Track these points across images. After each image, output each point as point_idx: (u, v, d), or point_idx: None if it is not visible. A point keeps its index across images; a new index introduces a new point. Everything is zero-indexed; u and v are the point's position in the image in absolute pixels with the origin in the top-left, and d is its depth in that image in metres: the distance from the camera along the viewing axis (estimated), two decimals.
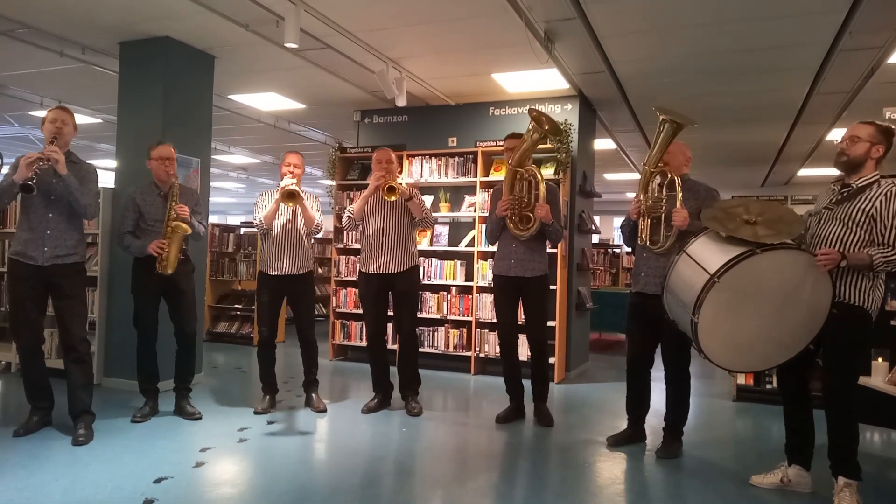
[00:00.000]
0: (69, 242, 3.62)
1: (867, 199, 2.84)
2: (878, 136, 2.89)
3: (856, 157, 2.91)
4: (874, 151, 2.88)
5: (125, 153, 5.05)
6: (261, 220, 4.25)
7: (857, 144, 2.90)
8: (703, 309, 2.85)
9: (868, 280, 2.84)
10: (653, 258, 3.59)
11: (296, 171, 4.22)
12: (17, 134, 9.04)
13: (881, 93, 5.68)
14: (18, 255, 3.56)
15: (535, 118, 3.90)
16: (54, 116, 3.59)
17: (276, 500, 2.84)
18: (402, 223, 4.34)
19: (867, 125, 2.94)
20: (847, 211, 2.87)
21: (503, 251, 4.24)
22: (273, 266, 4.27)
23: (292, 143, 9.07)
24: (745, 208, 3.03)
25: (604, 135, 7.63)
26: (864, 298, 2.84)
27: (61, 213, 3.59)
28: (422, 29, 4.67)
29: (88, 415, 3.68)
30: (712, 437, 4.14)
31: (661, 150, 3.48)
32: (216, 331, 7.69)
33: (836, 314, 2.85)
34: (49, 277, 3.56)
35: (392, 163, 4.32)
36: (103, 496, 2.81)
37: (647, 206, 3.55)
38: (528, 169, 4.05)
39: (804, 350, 2.96)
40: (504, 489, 3.12)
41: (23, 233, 3.57)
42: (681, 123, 3.40)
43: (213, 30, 4.76)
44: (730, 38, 4.67)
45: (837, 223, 2.89)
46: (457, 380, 5.71)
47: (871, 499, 2.96)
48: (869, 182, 2.89)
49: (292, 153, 4.32)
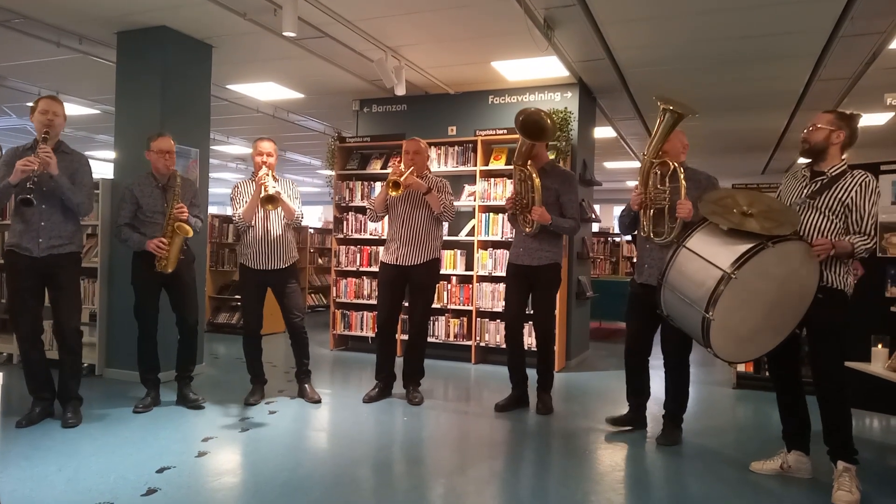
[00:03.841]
0: (65, 233, 3.62)
1: (843, 189, 2.91)
2: (837, 123, 2.96)
3: (816, 144, 2.99)
4: (834, 137, 2.95)
5: (123, 144, 5.04)
6: (240, 217, 4.15)
7: (817, 132, 2.98)
8: (717, 306, 2.81)
9: (844, 266, 2.96)
10: (656, 249, 3.57)
11: (268, 160, 4.10)
12: (14, 125, 9.02)
13: (882, 78, 5.65)
14: (15, 247, 3.56)
15: (520, 126, 3.94)
16: (45, 107, 3.56)
17: (279, 489, 2.86)
18: (422, 216, 4.29)
19: (828, 113, 3.02)
20: (825, 200, 2.94)
21: (517, 239, 4.26)
22: (255, 261, 4.18)
23: (291, 132, 9.05)
24: (734, 199, 3.01)
25: (604, 123, 7.60)
26: (842, 282, 2.95)
27: (55, 204, 3.58)
28: (421, 17, 4.64)
29: (76, 399, 3.77)
30: (713, 425, 4.15)
31: (661, 139, 3.46)
32: (217, 321, 7.70)
33: (822, 298, 2.92)
34: (45, 268, 3.57)
35: (419, 154, 4.25)
36: (106, 486, 2.82)
37: (649, 197, 3.52)
38: (526, 169, 4.05)
39: (791, 334, 3.00)
40: (506, 477, 3.13)
41: (17, 224, 3.57)
42: (682, 113, 3.38)
43: (211, 19, 4.73)
44: (730, 25, 4.64)
45: (817, 213, 2.95)
46: (457, 369, 5.73)
47: (870, 484, 2.98)
48: (841, 171, 2.96)
49: (264, 140, 4.18)
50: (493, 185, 5.94)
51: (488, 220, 5.96)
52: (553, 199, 4.12)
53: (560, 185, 4.14)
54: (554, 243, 4.18)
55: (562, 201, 4.14)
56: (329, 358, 6.10)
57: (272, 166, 4.14)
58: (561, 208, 4.14)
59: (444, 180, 4.39)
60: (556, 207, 4.12)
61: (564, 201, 4.15)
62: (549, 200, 4.08)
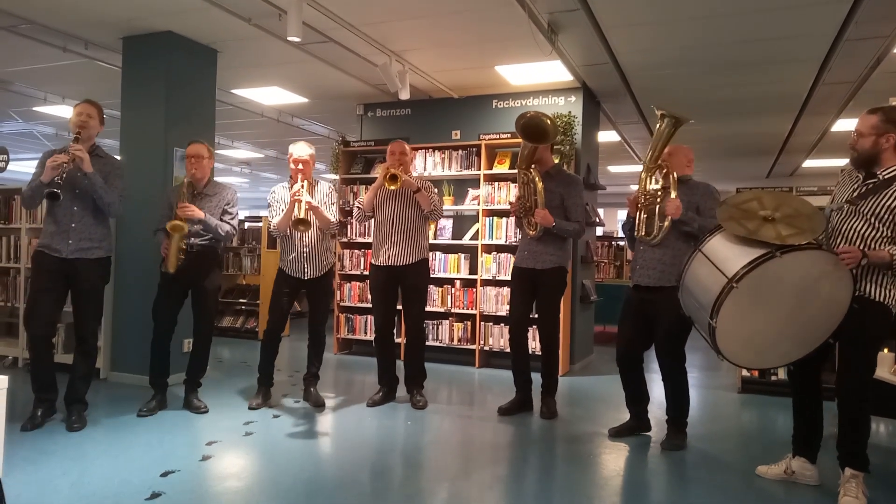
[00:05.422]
0: (95, 236, 3.67)
1: (892, 196, 2.70)
2: (883, 126, 2.75)
3: (865, 153, 2.80)
4: (884, 142, 2.75)
5: (128, 148, 5.06)
6: (275, 228, 4.21)
7: (862, 140, 2.81)
8: (721, 313, 2.78)
9: (887, 276, 2.76)
10: (648, 250, 3.62)
11: (305, 168, 4.11)
12: (21, 130, 9.06)
13: (887, 82, 5.63)
14: (45, 248, 3.61)
15: (521, 129, 3.97)
16: (80, 110, 3.63)
17: (283, 494, 2.86)
18: (411, 215, 4.32)
19: (871, 115, 2.81)
20: (871, 206, 2.74)
21: (522, 242, 4.29)
22: (292, 269, 4.23)
23: (295, 137, 8.97)
24: (759, 202, 2.91)
25: (608, 127, 7.59)
26: (885, 294, 2.76)
27: (86, 206, 3.63)
28: (425, 22, 4.65)
29: (81, 403, 3.78)
30: (717, 430, 4.14)
31: (662, 146, 3.52)
32: (221, 325, 7.71)
33: (857, 309, 2.76)
34: (72, 270, 3.61)
35: (405, 154, 4.32)
36: (111, 490, 2.83)
37: (643, 201, 3.59)
38: (528, 172, 4.07)
39: (823, 344, 2.89)
40: (510, 482, 3.13)
41: (49, 226, 3.62)
42: (680, 119, 3.44)
43: (216, 24, 4.76)
44: (734, 29, 4.64)
45: (860, 218, 2.78)
46: (461, 373, 5.72)
47: (876, 490, 2.96)
48: (894, 175, 2.75)
49: (297, 143, 4.20)
50: (497, 189, 5.94)
51: (492, 224, 5.96)
52: (558, 203, 4.12)
53: (565, 188, 4.15)
54: (559, 247, 4.18)
55: (566, 205, 4.14)
56: (333, 362, 6.10)
57: (308, 174, 4.13)
58: (566, 212, 4.14)
59: (428, 181, 4.42)
60: (561, 211, 4.12)
61: (569, 205, 4.15)
62: (553, 204, 4.08)
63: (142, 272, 4.78)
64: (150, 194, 4.74)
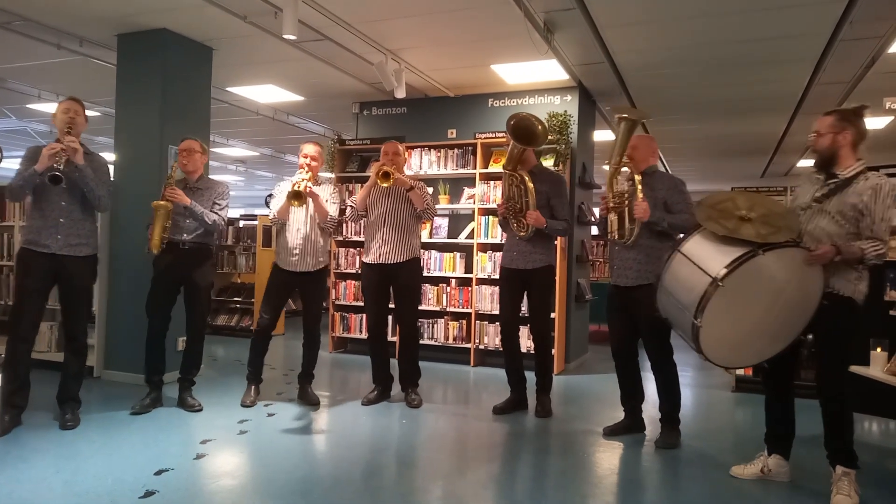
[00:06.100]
0: (82, 232, 3.65)
1: (854, 193, 2.80)
2: (839, 124, 2.87)
3: (824, 151, 2.92)
4: (841, 139, 2.87)
5: (123, 146, 5.04)
6: (275, 216, 4.24)
7: (820, 139, 2.92)
8: (706, 312, 2.80)
9: (856, 272, 2.87)
10: (623, 251, 3.68)
11: (312, 163, 4.17)
12: (15, 127, 9.02)
13: (882, 82, 5.66)
14: (31, 244, 3.55)
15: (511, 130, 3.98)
16: (67, 107, 3.61)
17: (277, 492, 2.85)
18: (404, 214, 4.32)
19: (828, 116, 2.94)
20: (835, 204, 2.84)
21: (509, 243, 4.28)
22: (286, 262, 4.24)
23: (291, 135, 9.06)
24: (733, 202, 2.97)
25: (603, 126, 7.60)
26: (852, 288, 2.87)
27: (75, 201, 3.61)
28: (421, 20, 4.65)
29: (74, 401, 3.76)
30: (711, 428, 4.15)
31: (621, 147, 3.62)
32: (216, 323, 7.70)
33: (828, 305, 2.86)
34: (60, 268, 3.58)
35: (399, 155, 4.35)
36: (104, 488, 2.82)
37: (612, 203, 3.65)
38: (518, 174, 4.08)
39: (795, 340, 2.97)
40: (504, 480, 3.13)
41: (35, 221, 3.57)
42: (635, 119, 3.59)
43: (211, 21, 4.74)
44: (730, 28, 4.65)
45: (826, 217, 2.87)
46: (456, 371, 5.73)
47: (869, 488, 2.97)
48: (855, 173, 2.85)
49: (309, 142, 4.29)
50: (492, 188, 5.94)
51: (488, 223, 5.96)
52: (544, 202, 4.14)
53: (550, 187, 4.17)
54: (547, 246, 4.21)
55: (552, 203, 4.17)
56: (328, 360, 6.09)
57: (315, 170, 4.21)
58: (552, 210, 4.16)
59: (421, 182, 4.44)
60: (547, 210, 4.15)
61: (555, 203, 4.17)
62: (540, 203, 4.10)
63: (135, 270, 4.77)
64: (144, 192, 4.72)
